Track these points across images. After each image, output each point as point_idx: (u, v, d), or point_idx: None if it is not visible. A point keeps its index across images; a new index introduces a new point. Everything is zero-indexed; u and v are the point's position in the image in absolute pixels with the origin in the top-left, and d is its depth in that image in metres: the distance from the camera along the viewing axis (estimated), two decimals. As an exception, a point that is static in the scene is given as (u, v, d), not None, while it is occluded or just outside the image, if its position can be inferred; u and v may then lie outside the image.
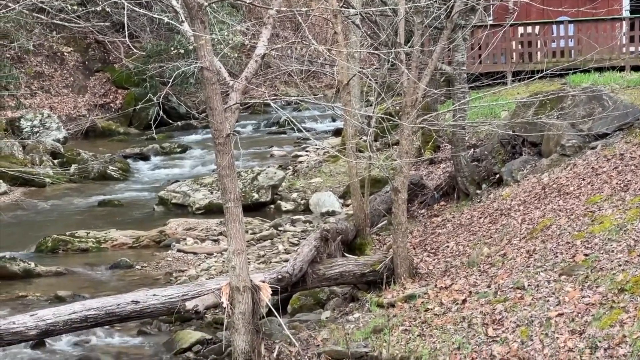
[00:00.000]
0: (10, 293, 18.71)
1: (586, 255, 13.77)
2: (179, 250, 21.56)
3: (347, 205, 23.53)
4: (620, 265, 13.00)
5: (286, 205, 25.59)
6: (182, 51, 23.78)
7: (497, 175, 20.61)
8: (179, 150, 35.25)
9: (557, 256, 14.22)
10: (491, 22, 26.59)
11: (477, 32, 25.41)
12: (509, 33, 28.21)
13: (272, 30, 14.41)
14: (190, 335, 15.81)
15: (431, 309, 14.16)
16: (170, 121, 32.79)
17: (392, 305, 14.90)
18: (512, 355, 11.97)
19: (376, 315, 14.66)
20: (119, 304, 14.32)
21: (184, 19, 13.35)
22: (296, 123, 14.06)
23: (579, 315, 12.24)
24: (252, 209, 24.28)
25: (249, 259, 14.32)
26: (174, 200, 26.18)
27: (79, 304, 14.46)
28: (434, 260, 17.05)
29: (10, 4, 17.50)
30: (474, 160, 21.56)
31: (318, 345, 13.90)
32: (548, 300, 12.92)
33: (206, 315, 16.55)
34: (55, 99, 40.56)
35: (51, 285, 19.27)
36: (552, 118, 18.67)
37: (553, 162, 19.31)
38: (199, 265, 20.30)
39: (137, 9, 13.71)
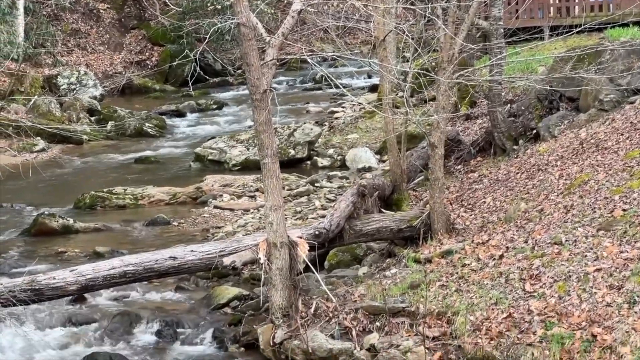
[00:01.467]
0: (50, 249, 18.88)
1: (624, 210, 13.69)
2: (215, 207, 21.63)
3: (384, 161, 23.51)
4: (659, 220, 12.96)
5: (322, 162, 25.60)
6: (218, 7, 23.77)
7: (534, 131, 20.50)
8: (214, 107, 35.27)
9: (595, 211, 14.15)
10: (528, -24, 26.29)
11: (514, -14, 25.17)
12: (547, -13, 27.91)
13: (308, -14, 14.35)
14: (228, 291, 15.92)
15: (468, 265, 14.16)
16: (207, 77, 32.77)
17: (429, 260, 14.91)
18: (549, 310, 11.97)
19: (413, 271, 14.67)
20: (157, 260, 14.44)
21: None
22: (333, 78, 14.03)
23: (617, 270, 12.21)
24: (289, 165, 24.28)
25: (285, 215, 14.36)
26: (210, 157, 26.24)
27: (117, 260, 14.60)
28: (470, 215, 17.01)
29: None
30: (510, 115, 21.44)
31: (355, 301, 13.94)
32: (586, 256, 12.88)
33: (243, 272, 16.64)
34: (91, 56, 40.68)
35: (89, 241, 19.42)
36: (590, 73, 18.49)
37: (591, 117, 19.16)
38: (236, 221, 20.37)
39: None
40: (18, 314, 13.39)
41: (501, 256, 13.99)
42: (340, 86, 14.28)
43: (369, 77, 37.40)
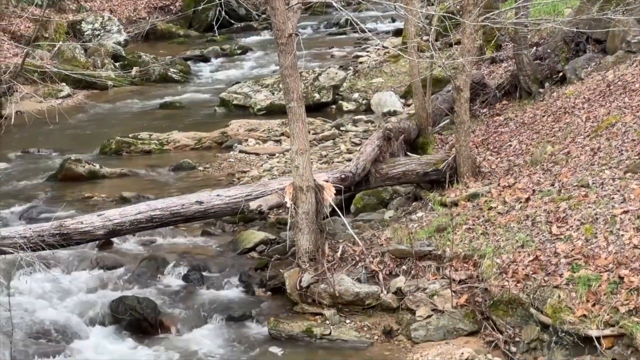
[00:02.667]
0: (76, 194, 18.95)
1: (652, 152, 13.64)
2: (240, 151, 21.63)
3: (408, 105, 23.42)
4: (687, 163, 12.87)
5: (347, 106, 25.52)
6: (243, -49, 23.58)
7: (561, 74, 20.35)
8: (239, 52, 35.12)
9: (622, 154, 14.08)
10: None
11: None
12: None
13: None
14: (254, 235, 15.97)
15: (494, 208, 14.14)
16: (231, 22, 32.59)
17: (455, 204, 14.90)
18: (576, 253, 11.96)
19: (439, 214, 14.68)
20: (183, 205, 14.49)
21: None
22: (357, 22, 13.92)
23: (645, 212, 12.19)
24: (314, 109, 24.18)
25: (311, 159, 14.36)
26: (235, 102, 26.19)
27: (144, 205, 14.66)
28: (496, 159, 16.96)
29: None
30: (536, 58, 21.27)
31: (382, 245, 13.98)
32: (613, 198, 12.84)
33: (269, 216, 16.69)
34: (115, 1, 40.47)
35: (116, 186, 19.49)
36: (618, 14, 18.29)
37: (618, 59, 19.00)
38: (261, 165, 20.38)
39: None
40: (47, 258, 13.47)
41: (527, 199, 13.97)
42: (365, 30, 14.19)
43: (394, 20, 37.14)
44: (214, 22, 27.12)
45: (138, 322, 13.19)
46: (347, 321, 12.97)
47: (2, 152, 21.63)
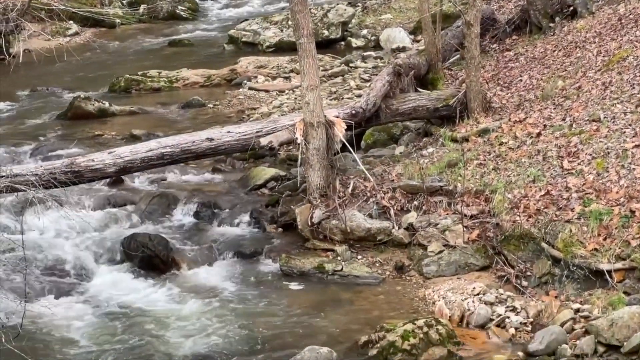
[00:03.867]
0: (86, 132, 18.94)
1: (664, 86, 13.57)
2: (250, 88, 21.57)
3: (418, 41, 23.28)
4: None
5: (356, 42, 25.37)
6: None
7: (571, 8, 20.14)
8: (247, -12, 34.91)
9: (633, 87, 14.00)
10: None
11: None
12: None
13: None
14: (265, 171, 15.95)
15: (505, 143, 14.11)
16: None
17: (466, 139, 14.87)
18: (587, 187, 11.96)
19: (450, 150, 14.65)
20: (194, 141, 14.48)
21: None
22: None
23: (657, 146, 12.16)
24: (323, 46, 24.00)
25: (321, 95, 14.30)
26: (244, 39, 26.06)
27: (154, 142, 14.66)
28: (507, 94, 16.88)
29: None
30: (547, -8, 21.08)
31: (393, 180, 13.97)
32: (624, 132, 12.80)
33: (280, 152, 16.64)
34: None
35: (125, 124, 19.47)
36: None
37: (630, -8, 18.82)
38: (271, 102, 20.32)
39: None
40: (59, 196, 13.50)
41: (539, 134, 13.93)
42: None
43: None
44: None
45: (150, 259, 13.23)
46: (359, 257, 13.00)
47: (11, 90, 21.61)
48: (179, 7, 31.00)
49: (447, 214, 13.02)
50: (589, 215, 11.43)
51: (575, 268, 11.10)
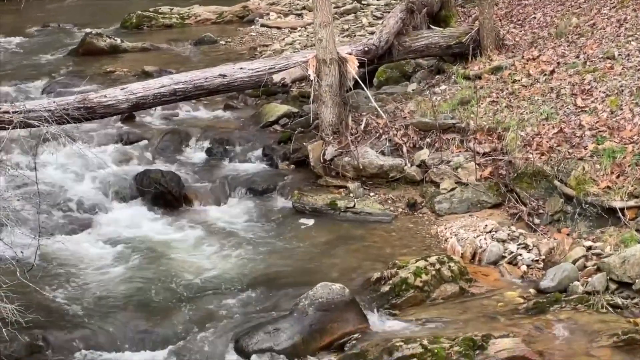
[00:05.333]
0: (99, 68, 18.93)
1: (680, 23, 13.47)
2: (262, 25, 21.51)
3: (431, -22, 23.10)
4: None
5: (368, -21, 25.21)
6: None
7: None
8: None
9: (649, 25, 13.95)
10: None
11: None
12: None
13: None
14: (277, 108, 15.94)
15: (518, 80, 14.06)
16: None
17: (479, 77, 14.81)
18: (601, 125, 11.92)
19: (463, 87, 14.60)
20: (206, 78, 14.45)
21: None
22: None
23: (671, 84, 12.09)
24: (335, -18, 23.92)
25: (333, 32, 14.21)
26: (255, -25, 25.91)
27: (167, 78, 14.63)
28: (520, 31, 16.79)
29: None
30: None
31: (405, 118, 13.95)
32: (639, 69, 12.73)
33: (292, 89, 16.62)
34: None
35: (137, 60, 19.44)
36: None
37: None
38: (283, 39, 20.26)
39: None
40: (72, 132, 13.51)
41: (552, 72, 13.87)
42: None
43: None
44: None
45: (162, 195, 13.24)
46: (371, 194, 13.00)
47: (22, 26, 21.57)
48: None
49: (460, 152, 13.00)
50: (602, 153, 11.41)
51: (587, 206, 11.10)
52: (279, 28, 21.19)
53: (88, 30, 21.00)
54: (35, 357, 9.11)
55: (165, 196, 13.23)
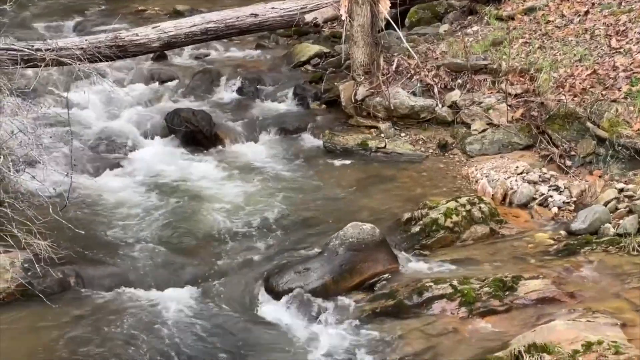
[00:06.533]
0: (130, 7, 18.92)
1: None
2: (293, -36, 21.33)
3: None
4: None
5: None
6: None
7: None
8: None
9: (686, -34, 13.71)
10: None
11: None
12: None
13: None
14: (309, 48, 15.90)
15: (552, 21, 13.92)
16: None
17: (512, 17, 14.67)
18: (635, 66, 11.81)
19: (495, 28, 14.48)
20: (238, 17, 14.40)
21: None
22: None
23: None
24: None
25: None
26: None
27: (199, 17, 14.59)
28: (555, -28, 16.58)
29: None
30: None
31: (437, 58, 13.86)
32: (675, 11, 12.61)
33: (324, 29, 16.57)
34: None
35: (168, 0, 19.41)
36: None
37: None
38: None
39: None
40: (103, 70, 13.55)
41: (586, 12, 13.72)
42: None
43: None
44: None
45: (193, 134, 13.27)
46: (402, 134, 12.99)
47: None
48: None
49: (491, 93, 12.94)
50: (636, 95, 11.31)
51: (620, 148, 11.03)
52: (310, -33, 21.04)
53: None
54: (68, 293, 9.19)
55: (196, 135, 13.26)
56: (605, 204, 10.32)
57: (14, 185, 9.69)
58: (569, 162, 11.56)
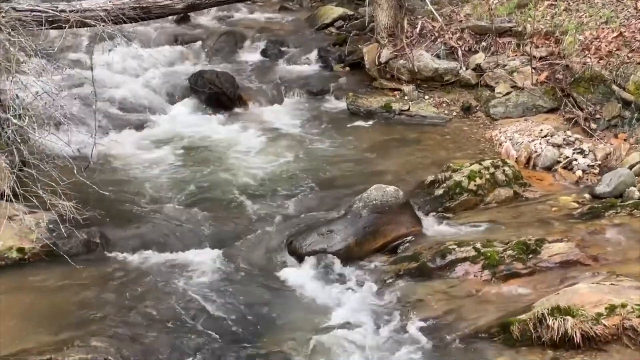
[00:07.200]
0: (153, -31, 18.82)
1: None
2: None
3: None
4: None
5: None
6: None
7: None
8: None
9: None
10: None
11: None
12: None
13: None
14: (332, 11, 15.85)
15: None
16: None
17: (537, -19, 14.57)
18: (662, 29, 11.73)
19: (520, -10, 14.39)
20: (261, -22, 14.37)
21: None
22: None
23: None
24: None
25: None
26: None
27: (222, -22, 14.55)
28: None
29: None
30: None
31: (461, 21, 13.81)
32: (703, -27, 12.47)
33: (348, -8, 16.53)
34: None
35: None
36: None
37: None
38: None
39: None
40: (127, 32, 13.53)
41: (613, -26, 13.61)
42: None
43: None
44: None
45: (216, 95, 13.27)
46: (426, 97, 12.96)
47: None
48: None
49: (516, 55, 12.87)
50: (663, 62, 11.25)
51: (646, 111, 10.99)
52: None
53: None
54: (92, 254, 9.23)
55: (220, 97, 13.26)
56: (630, 167, 10.27)
57: (38, 147, 9.71)
58: (593, 125, 11.50)
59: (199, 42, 15.30)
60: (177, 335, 7.91)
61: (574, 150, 11.00)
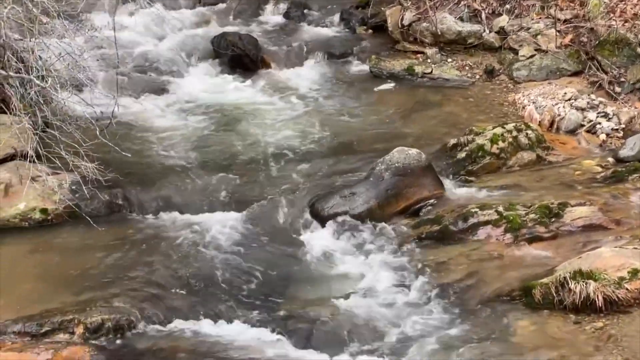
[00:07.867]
0: None
1: None
2: None
3: None
4: None
5: None
6: None
7: None
8: None
9: None
10: None
11: None
12: None
13: None
14: (355, -28, 15.74)
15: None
16: None
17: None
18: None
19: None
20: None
21: None
22: None
23: None
24: None
25: None
26: None
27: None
28: None
29: None
30: None
31: (485, -18, 13.72)
32: None
33: (370, -48, 16.37)
34: None
35: None
36: None
37: None
38: None
39: None
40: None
41: (639, -64, 13.46)
42: None
43: None
44: None
45: (239, 57, 13.24)
46: (449, 60, 12.90)
47: None
48: None
49: (540, 18, 12.77)
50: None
51: (671, 76, 10.91)
52: None
53: None
54: (115, 215, 9.27)
55: (243, 59, 13.24)
56: (655, 131, 10.23)
57: (61, 108, 9.73)
58: (618, 89, 11.43)
59: (222, 4, 15.26)
60: (200, 296, 7.96)
61: (597, 113, 10.93)
